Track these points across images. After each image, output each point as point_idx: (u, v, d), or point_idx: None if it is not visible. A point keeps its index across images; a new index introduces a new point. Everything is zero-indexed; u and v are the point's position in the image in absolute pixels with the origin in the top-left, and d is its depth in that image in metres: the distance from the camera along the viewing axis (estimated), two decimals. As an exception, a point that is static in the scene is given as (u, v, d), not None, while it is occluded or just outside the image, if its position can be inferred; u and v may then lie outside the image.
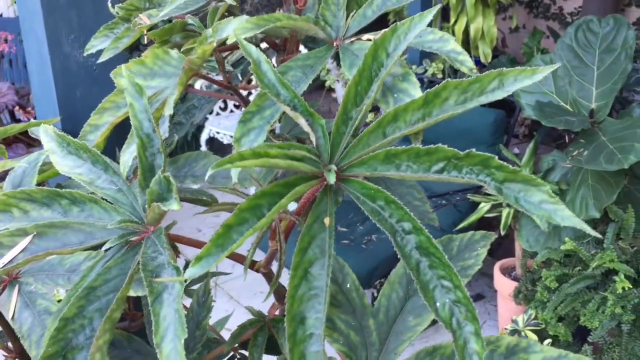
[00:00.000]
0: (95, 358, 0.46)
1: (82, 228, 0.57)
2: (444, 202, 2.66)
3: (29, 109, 3.42)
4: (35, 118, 3.15)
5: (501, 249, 2.98)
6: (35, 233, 0.56)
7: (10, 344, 0.87)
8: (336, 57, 0.70)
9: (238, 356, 0.95)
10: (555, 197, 0.47)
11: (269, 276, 0.67)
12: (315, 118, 0.54)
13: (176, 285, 0.47)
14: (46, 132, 0.65)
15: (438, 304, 0.46)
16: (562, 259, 2.31)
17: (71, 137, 0.63)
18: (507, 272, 2.67)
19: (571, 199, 2.29)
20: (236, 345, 0.98)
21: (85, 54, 0.84)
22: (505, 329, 2.26)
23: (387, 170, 0.51)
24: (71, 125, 0.94)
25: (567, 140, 2.59)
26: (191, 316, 0.76)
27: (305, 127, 0.53)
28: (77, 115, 0.94)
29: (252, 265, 0.65)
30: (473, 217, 2.49)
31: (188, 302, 0.84)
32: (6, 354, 0.87)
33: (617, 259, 2.15)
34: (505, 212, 2.45)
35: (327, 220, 0.50)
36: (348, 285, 0.62)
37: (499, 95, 0.51)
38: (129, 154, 0.61)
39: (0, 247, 0.56)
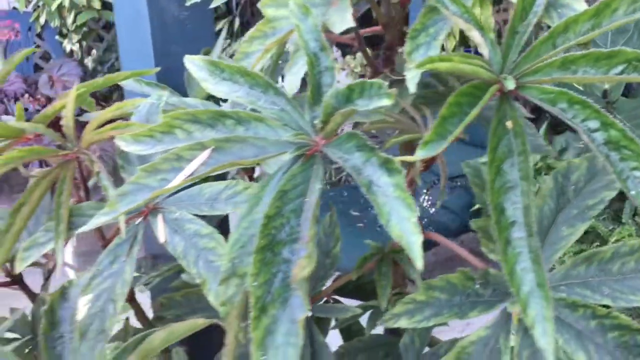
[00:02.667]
0: (310, 247, 0.48)
1: (255, 142, 0.58)
2: (458, 183, 2.70)
3: (38, 96, 3.42)
4: (43, 106, 3.13)
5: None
6: (213, 147, 0.58)
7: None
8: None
9: (331, 301, 0.98)
10: None
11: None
12: (485, 31, 0.57)
13: (382, 178, 0.49)
14: (193, 62, 0.67)
15: (632, 192, 0.49)
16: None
17: (226, 63, 0.64)
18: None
19: (588, 177, 2.34)
20: (330, 292, 1.00)
21: (188, 4, 0.85)
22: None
23: (563, 75, 0.54)
24: (168, 81, 0.96)
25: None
26: (319, 246, 0.78)
27: (478, 38, 0.56)
28: (172, 71, 0.93)
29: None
30: (490, 197, 2.54)
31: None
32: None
33: (635, 233, 2.21)
34: (521, 191, 2.49)
35: (509, 124, 0.53)
36: (503, 198, 0.65)
37: (669, 4, 0.54)
38: (293, 74, 0.63)
39: (180, 160, 0.58)
